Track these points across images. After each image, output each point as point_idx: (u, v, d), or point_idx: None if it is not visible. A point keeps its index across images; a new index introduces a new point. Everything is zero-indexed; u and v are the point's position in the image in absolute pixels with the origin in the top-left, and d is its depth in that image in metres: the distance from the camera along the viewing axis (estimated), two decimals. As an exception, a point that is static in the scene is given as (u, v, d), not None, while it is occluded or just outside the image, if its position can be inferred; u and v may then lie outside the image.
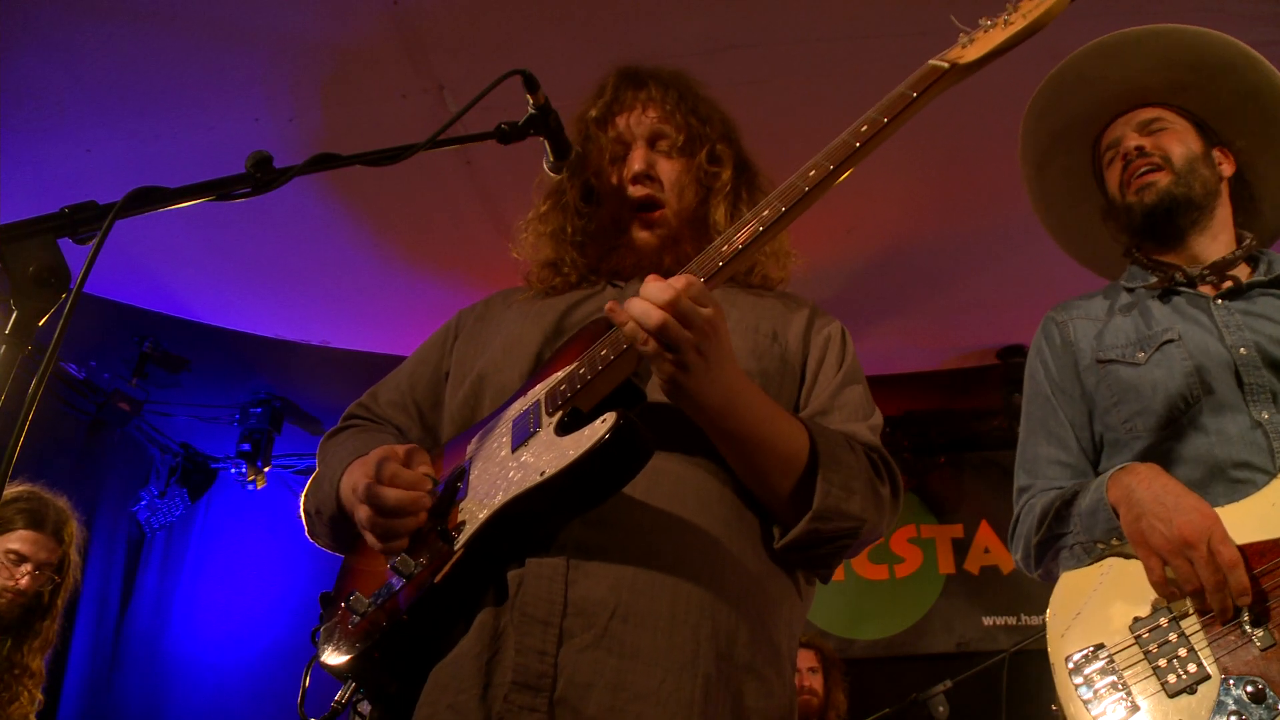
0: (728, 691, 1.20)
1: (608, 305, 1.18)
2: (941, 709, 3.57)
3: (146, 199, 1.05)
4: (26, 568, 2.75)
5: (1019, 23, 1.27)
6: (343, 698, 1.21)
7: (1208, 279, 1.81)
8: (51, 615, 2.84)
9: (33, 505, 2.82)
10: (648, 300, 1.14)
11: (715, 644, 1.21)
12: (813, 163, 1.26)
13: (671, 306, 1.13)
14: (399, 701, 1.23)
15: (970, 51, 1.29)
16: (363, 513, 1.25)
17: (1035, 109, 2.01)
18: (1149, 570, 1.53)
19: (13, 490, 2.83)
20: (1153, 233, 1.85)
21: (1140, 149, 1.84)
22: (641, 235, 1.54)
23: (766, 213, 1.25)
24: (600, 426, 1.13)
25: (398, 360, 1.71)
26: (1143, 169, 1.84)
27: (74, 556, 2.92)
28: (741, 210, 1.53)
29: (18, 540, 2.76)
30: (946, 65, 1.28)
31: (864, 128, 1.26)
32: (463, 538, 1.18)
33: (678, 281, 1.15)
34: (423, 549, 1.22)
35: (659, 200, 1.54)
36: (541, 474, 1.15)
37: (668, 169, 1.55)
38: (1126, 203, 1.85)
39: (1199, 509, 1.49)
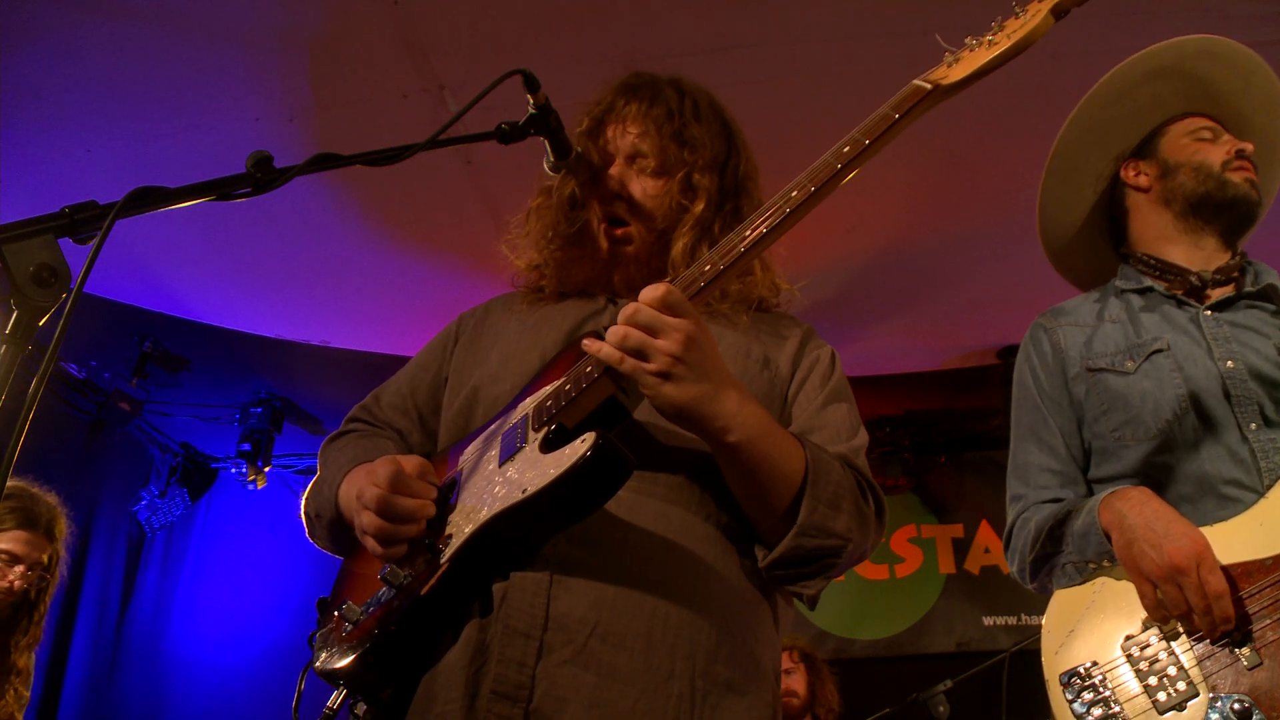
0: (704, 709, 1.21)
1: (584, 343, 1.20)
2: (942, 709, 3.57)
3: (146, 199, 1.05)
4: (19, 569, 2.73)
5: (1003, 43, 1.26)
6: (335, 703, 1.23)
7: (1219, 284, 1.82)
8: (39, 613, 2.82)
9: (24, 504, 2.79)
10: (619, 321, 1.16)
11: (692, 664, 1.22)
12: (795, 183, 1.25)
13: (634, 320, 1.14)
14: (392, 705, 1.25)
15: (954, 72, 1.28)
16: (367, 519, 1.25)
17: (1155, 55, 1.92)
18: (1141, 595, 1.55)
19: None
20: (1218, 217, 1.84)
21: (1245, 152, 1.85)
22: (608, 248, 1.54)
23: (749, 233, 1.24)
24: (580, 446, 1.14)
25: (398, 360, 1.71)
26: (1250, 167, 1.85)
27: (62, 552, 2.90)
28: (703, 247, 1.48)
29: (10, 540, 2.73)
30: (929, 86, 1.27)
31: (846, 148, 1.25)
32: (448, 551, 1.21)
33: (647, 292, 1.16)
34: (411, 560, 1.25)
35: (624, 218, 1.53)
36: (524, 491, 1.17)
37: (639, 189, 1.52)
38: (1226, 176, 1.83)
39: (1189, 535, 1.51)
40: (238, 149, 1.29)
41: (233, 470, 6.14)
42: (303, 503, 1.52)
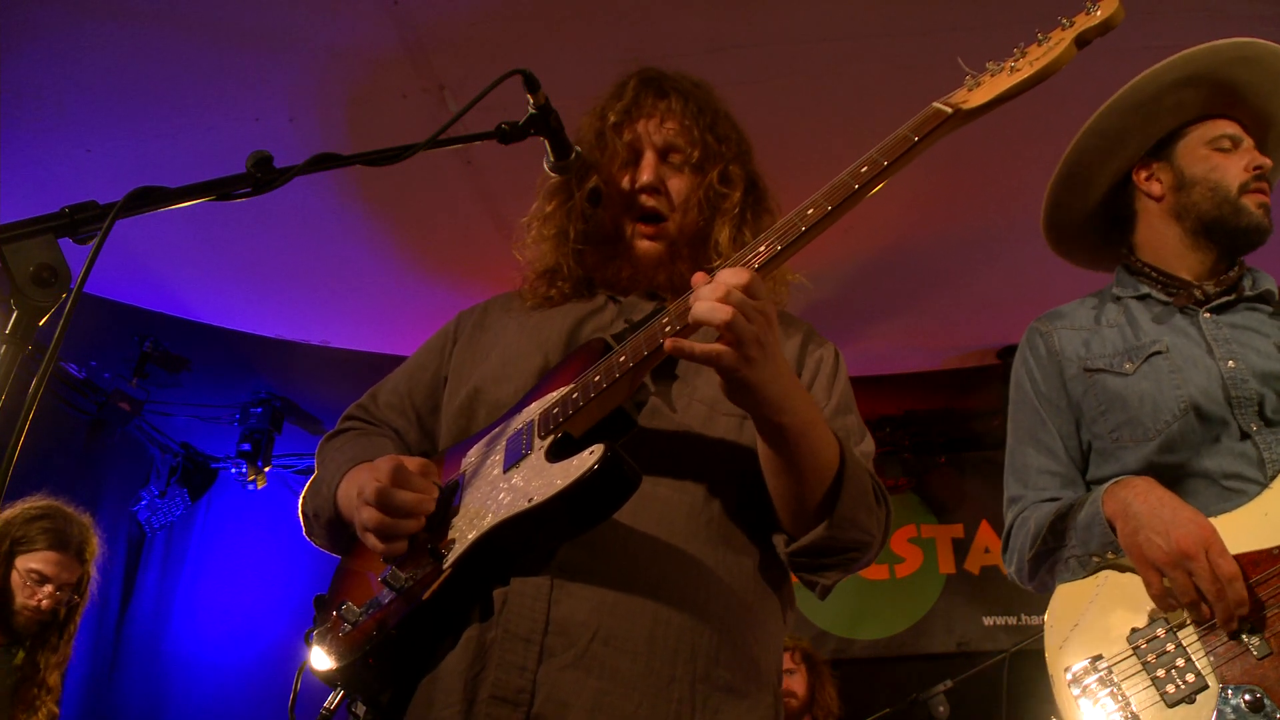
0: (705, 712, 1.22)
1: (669, 344, 1.16)
2: (942, 709, 3.57)
3: (146, 199, 1.05)
4: (48, 588, 2.77)
5: (1026, 70, 1.23)
6: (332, 703, 1.23)
7: (1219, 295, 1.81)
8: (69, 632, 2.86)
9: (56, 525, 2.84)
10: (710, 299, 1.13)
11: (692, 667, 1.23)
12: (811, 201, 1.23)
13: (740, 304, 1.12)
14: (391, 708, 1.26)
15: (975, 96, 1.26)
16: (367, 514, 1.25)
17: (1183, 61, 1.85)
18: (1148, 584, 1.54)
19: (35, 506, 2.86)
20: (1229, 241, 1.82)
21: (1263, 171, 1.82)
22: (641, 245, 1.53)
23: (763, 249, 1.23)
24: (588, 458, 1.14)
25: (397, 360, 1.71)
26: (1266, 190, 1.82)
27: (93, 573, 2.94)
28: (745, 233, 1.52)
29: (40, 560, 2.78)
30: (950, 110, 1.25)
31: (864, 168, 1.23)
32: (451, 557, 1.21)
33: (739, 277, 1.14)
34: (413, 564, 1.24)
35: (663, 213, 1.53)
36: (529, 500, 1.17)
37: (677, 184, 1.54)
38: (1241, 203, 1.80)
39: (1196, 521, 1.50)
40: (238, 149, 1.29)
41: (233, 470, 6.14)
42: (300, 502, 1.52)
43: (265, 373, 5.50)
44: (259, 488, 5.87)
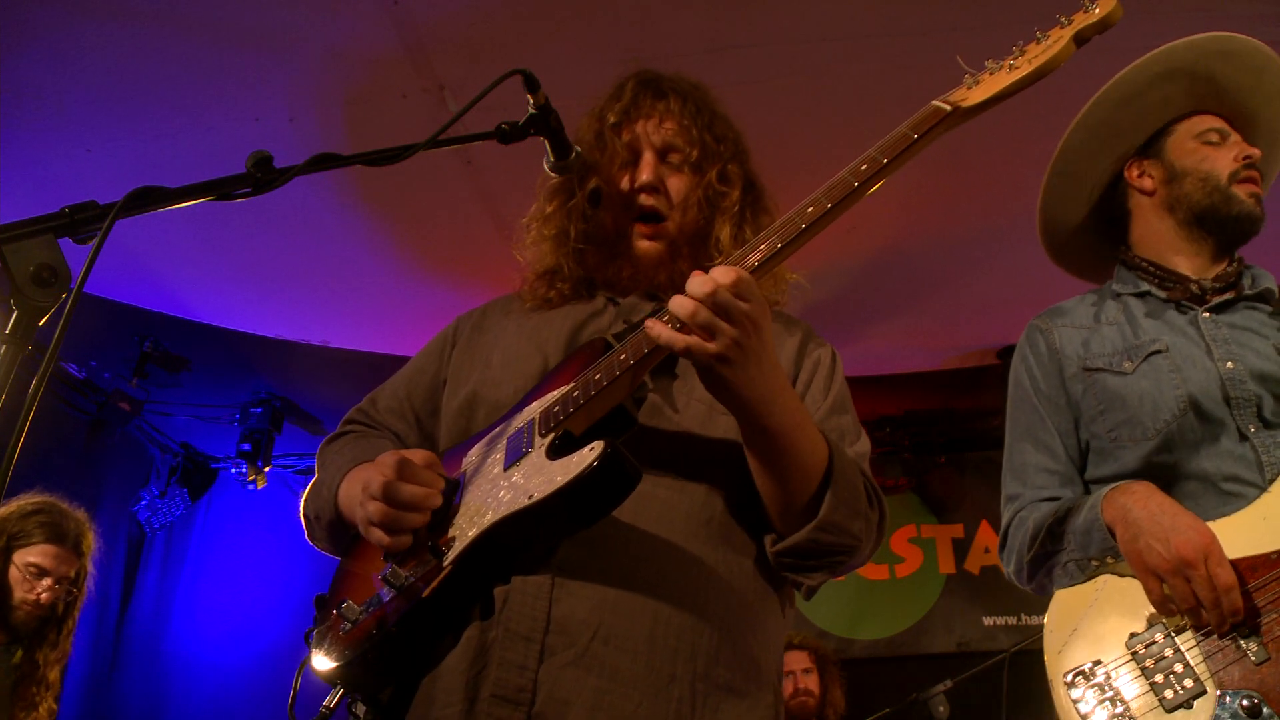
0: (704, 712, 1.22)
1: (647, 324, 1.17)
2: (942, 709, 3.58)
3: (146, 199, 1.05)
4: (47, 582, 2.78)
5: (1024, 68, 1.24)
6: (331, 702, 1.23)
7: (1218, 291, 1.82)
8: (68, 627, 2.88)
9: (53, 519, 2.86)
10: (688, 295, 1.13)
11: (693, 667, 1.23)
12: (811, 199, 1.24)
13: (709, 299, 1.12)
14: (391, 706, 1.26)
15: (974, 94, 1.26)
16: (373, 508, 1.25)
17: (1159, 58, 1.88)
18: (1147, 590, 1.54)
19: (31, 502, 2.88)
20: (1222, 230, 1.83)
21: (1252, 160, 1.83)
22: (640, 245, 1.54)
23: (764, 246, 1.23)
24: (588, 454, 1.14)
25: (398, 360, 1.71)
26: (1257, 179, 1.84)
27: (90, 568, 2.96)
28: (746, 231, 1.52)
29: (38, 554, 2.79)
30: (949, 108, 1.25)
31: (863, 166, 1.24)
32: (452, 554, 1.21)
33: (720, 274, 1.14)
34: (414, 561, 1.25)
35: (662, 213, 1.53)
36: (529, 497, 1.17)
37: (675, 183, 1.54)
38: (1232, 191, 1.81)
39: (1195, 528, 1.50)
40: (238, 149, 1.29)
41: (233, 470, 6.14)
42: (301, 505, 1.52)
43: (265, 373, 5.50)
44: (259, 488, 5.87)
